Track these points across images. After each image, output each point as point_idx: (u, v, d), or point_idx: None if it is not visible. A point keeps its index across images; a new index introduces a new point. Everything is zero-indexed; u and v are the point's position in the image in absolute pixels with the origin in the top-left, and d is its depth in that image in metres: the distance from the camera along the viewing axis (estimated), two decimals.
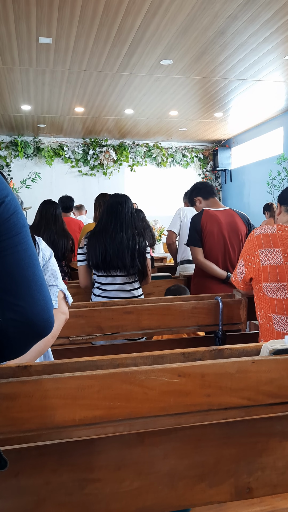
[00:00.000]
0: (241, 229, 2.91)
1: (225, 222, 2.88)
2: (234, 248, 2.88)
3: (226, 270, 2.87)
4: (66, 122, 7.90)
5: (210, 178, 10.15)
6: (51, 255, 1.56)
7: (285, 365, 1.17)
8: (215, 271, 2.83)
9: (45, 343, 1.47)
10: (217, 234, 2.85)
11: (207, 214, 2.90)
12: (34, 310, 0.83)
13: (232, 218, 2.92)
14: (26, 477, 1.01)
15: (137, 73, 5.40)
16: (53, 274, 1.53)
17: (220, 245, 2.85)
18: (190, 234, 2.94)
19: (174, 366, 1.11)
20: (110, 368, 1.19)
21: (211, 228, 2.85)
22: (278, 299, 1.87)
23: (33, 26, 4.04)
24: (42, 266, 1.50)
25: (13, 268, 0.81)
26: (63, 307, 1.55)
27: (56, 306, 1.51)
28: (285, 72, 5.50)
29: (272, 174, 7.42)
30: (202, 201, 3.08)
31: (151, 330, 2.19)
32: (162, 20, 3.99)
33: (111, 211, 2.60)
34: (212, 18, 3.97)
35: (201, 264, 2.87)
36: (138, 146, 9.59)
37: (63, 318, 1.54)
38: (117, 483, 1.06)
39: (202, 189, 3.10)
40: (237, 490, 1.14)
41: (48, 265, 1.53)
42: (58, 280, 1.55)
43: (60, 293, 1.55)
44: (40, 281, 0.84)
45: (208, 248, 2.86)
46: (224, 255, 2.87)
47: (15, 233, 0.80)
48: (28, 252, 0.82)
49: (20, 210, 0.81)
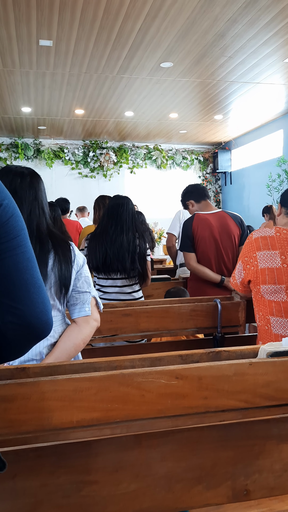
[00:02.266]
0: (234, 231, 2.90)
1: (216, 225, 2.87)
2: (227, 251, 2.87)
3: (221, 273, 2.86)
4: (66, 124, 7.92)
5: (210, 181, 10.16)
6: (84, 262, 1.58)
7: (282, 368, 1.17)
8: (209, 276, 2.83)
9: (76, 348, 1.51)
10: (209, 238, 2.84)
11: (198, 218, 2.89)
12: (32, 313, 0.83)
13: (224, 221, 2.91)
14: (24, 479, 1.01)
15: (137, 76, 5.42)
16: (86, 280, 1.56)
17: (212, 249, 2.84)
18: (182, 239, 2.94)
19: (171, 368, 1.12)
20: (108, 370, 1.20)
21: (203, 232, 2.84)
22: (276, 302, 1.87)
23: (33, 28, 4.06)
24: (76, 272, 1.53)
25: (11, 271, 0.81)
26: (95, 314, 1.58)
27: (89, 313, 1.54)
28: (285, 74, 5.52)
29: (272, 177, 7.42)
30: (194, 204, 3.07)
31: (149, 333, 2.19)
32: (162, 23, 4.00)
33: (111, 214, 2.60)
34: (212, 21, 3.98)
35: (194, 270, 2.87)
36: (138, 148, 9.61)
37: (94, 325, 1.57)
38: (114, 486, 1.06)
39: (193, 192, 3.10)
40: (235, 493, 1.14)
41: (81, 272, 1.55)
42: (91, 287, 1.58)
43: (93, 300, 1.58)
44: (38, 283, 0.85)
45: (200, 252, 2.86)
46: (217, 259, 2.86)
47: (13, 236, 0.80)
48: (26, 255, 0.83)
49: (18, 213, 0.82)
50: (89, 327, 1.54)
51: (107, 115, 7.30)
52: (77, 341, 1.50)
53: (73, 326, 1.54)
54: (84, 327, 1.53)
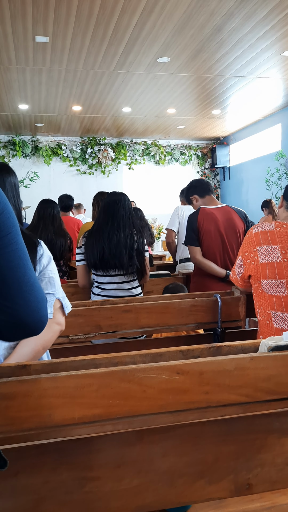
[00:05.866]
0: (239, 226, 2.90)
1: (222, 220, 2.87)
2: (232, 246, 2.87)
3: (225, 268, 2.86)
4: (64, 121, 7.89)
5: (208, 176, 10.14)
6: (49, 261, 1.47)
7: (283, 362, 1.17)
8: (214, 270, 2.83)
9: (35, 354, 1.38)
10: (214, 232, 2.84)
11: (203, 212, 2.89)
12: (25, 311, 0.83)
13: (229, 215, 2.91)
14: (26, 476, 1.01)
15: (134, 71, 5.40)
16: (50, 281, 1.43)
17: (218, 243, 2.84)
18: (187, 233, 2.93)
19: (172, 363, 1.11)
20: (109, 366, 1.20)
21: (208, 226, 2.84)
22: (277, 296, 1.87)
23: (29, 25, 4.04)
24: (39, 273, 1.42)
25: (3, 270, 0.80)
26: (59, 318, 1.45)
27: (50, 316, 1.41)
28: (283, 68, 5.50)
29: (270, 171, 7.41)
30: (198, 199, 3.07)
31: (150, 328, 2.19)
32: (158, 18, 3.98)
33: (108, 210, 2.59)
34: (208, 15, 3.96)
35: (200, 263, 2.86)
36: (136, 144, 9.59)
37: (57, 329, 1.44)
38: (116, 481, 1.06)
39: (198, 187, 3.09)
40: (237, 487, 1.14)
41: (45, 272, 1.43)
42: (56, 288, 1.45)
43: (57, 302, 1.45)
44: (31, 281, 0.84)
45: (206, 246, 2.85)
46: (222, 253, 2.86)
47: (4, 234, 0.78)
48: (18, 253, 0.81)
49: (9, 209, 0.80)
50: (51, 332, 1.40)
51: (105, 111, 7.28)
52: (36, 346, 1.37)
53: None
54: (44, 331, 1.36)
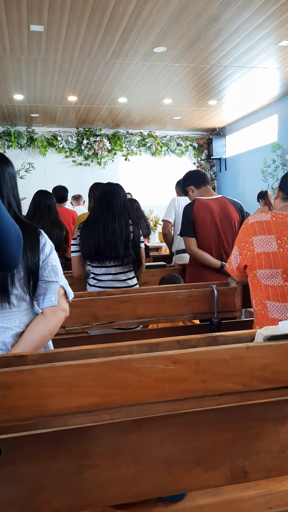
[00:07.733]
0: (234, 217, 2.91)
1: (217, 211, 2.87)
2: (227, 237, 2.87)
3: (221, 259, 2.87)
4: (59, 112, 7.83)
5: (205, 167, 10.11)
6: (51, 250, 1.52)
7: (279, 351, 1.18)
8: (209, 261, 2.84)
9: (42, 340, 1.45)
10: (210, 223, 2.84)
11: (199, 203, 2.89)
12: None
13: (225, 206, 2.91)
14: (24, 464, 1.02)
15: (130, 61, 5.35)
16: (53, 269, 1.50)
17: (213, 234, 2.85)
18: (183, 224, 2.93)
19: (169, 353, 1.12)
20: (106, 356, 1.20)
21: (204, 217, 2.84)
22: (272, 286, 1.88)
23: (24, 13, 3.98)
24: (42, 261, 1.47)
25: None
26: (63, 304, 1.52)
27: (55, 303, 1.48)
28: (279, 58, 5.46)
29: (266, 162, 7.40)
30: (194, 190, 3.06)
31: (146, 319, 2.20)
32: (154, 6, 3.94)
33: (103, 201, 2.58)
34: (205, 4, 3.92)
35: (195, 254, 2.87)
36: (132, 135, 9.53)
37: (62, 316, 1.51)
38: (114, 469, 1.07)
39: (194, 177, 3.09)
40: (233, 474, 1.15)
41: (48, 261, 1.49)
42: (59, 276, 1.52)
43: (61, 289, 1.51)
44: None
45: (201, 237, 2.86)
46: (217, 244, 2.87)
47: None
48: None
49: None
50: (57, 318, 1.48)
51: (100, 102, 7.22)
52: (43, 332, 1.45)
53: (40, 317, 1.48)
54: (51, 317, 1.47)
